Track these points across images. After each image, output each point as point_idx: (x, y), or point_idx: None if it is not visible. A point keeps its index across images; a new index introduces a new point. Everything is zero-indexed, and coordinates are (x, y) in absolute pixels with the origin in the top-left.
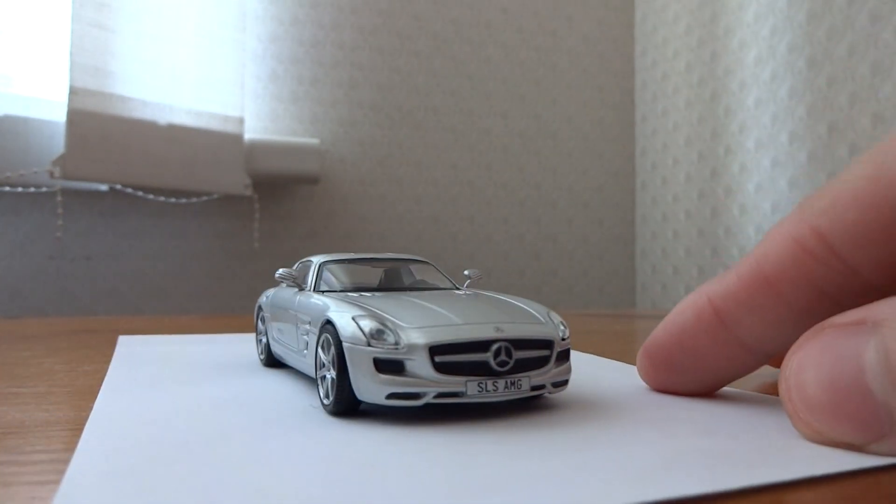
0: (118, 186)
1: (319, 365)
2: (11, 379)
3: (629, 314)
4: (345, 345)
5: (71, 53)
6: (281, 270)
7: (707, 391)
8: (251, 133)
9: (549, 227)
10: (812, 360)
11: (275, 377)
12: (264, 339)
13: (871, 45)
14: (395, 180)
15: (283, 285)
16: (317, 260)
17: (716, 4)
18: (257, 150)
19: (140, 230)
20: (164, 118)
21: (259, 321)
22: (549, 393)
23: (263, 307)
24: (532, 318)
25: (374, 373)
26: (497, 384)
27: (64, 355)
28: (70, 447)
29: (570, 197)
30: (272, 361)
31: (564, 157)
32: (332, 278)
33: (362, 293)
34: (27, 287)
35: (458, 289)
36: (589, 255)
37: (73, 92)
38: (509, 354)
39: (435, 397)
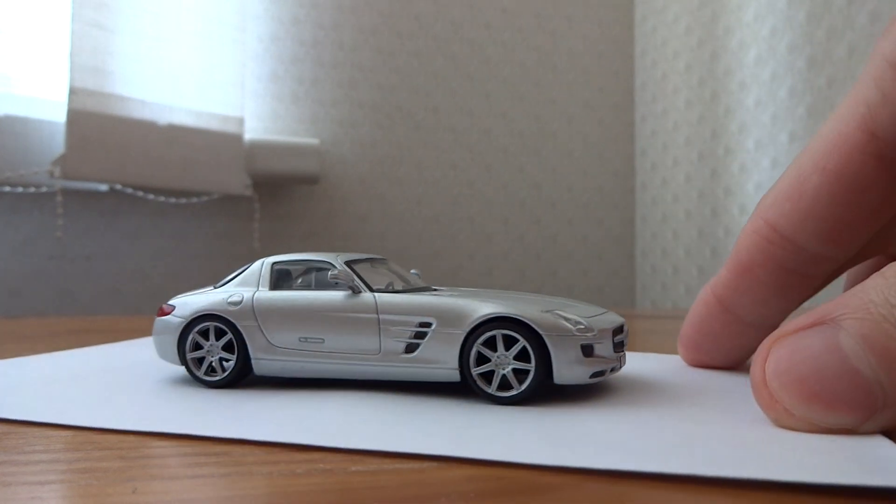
0: (118, 186)
1: (475, 362)
2: None
3: (629, 314)
4: (547, 336)
5: (71, 53)
6: (336, 271)
7: (731, 364)
8: (251, 133)
9: (549, 227)
10: (787, 363)
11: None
12: (214, 356)
13: (871, 45)
14: (395, 180)
15: (255, 289)
16: (340, 259)
17: (716, 4)
18: (257, 150)
19: (140, 230)
20: (163, 118)
21: (194, 336)
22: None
23: (232, 314)
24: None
25: (581, 358)
26: (622, 359)
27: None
28: (70, 447)
29: (570, 197)
30: (236, 379)
31: (564, 157)
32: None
33: (411, 291)
34: (27, 287)
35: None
36: (589, 255)
37: (73, 92)
38: (625, 335)
39: (609, 372)
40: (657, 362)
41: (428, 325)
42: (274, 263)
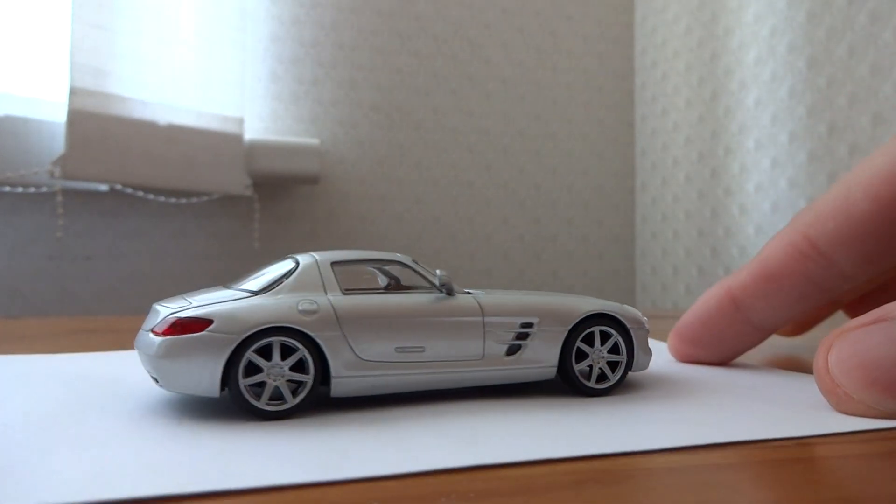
0: (118, 186)
1: (578, 359)
2: None
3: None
4: (633, 330)
5: (71, 53)
6: (443, 272)
7: (722, 362)
8: (251, 133)
9: (549, 227)
10: (850, 352)
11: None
12: (280, 379)
13: (871, 45)
14: (395, 180)
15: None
16: (406, 258)
17: (716, 4)
18: (257, 150)
19: (140, 230)
20: (164, 118)
21: (249, 356)
22: None
23: (308, 325)
24: None
25: (647, 349)
26: None
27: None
28: None
29: (570, 197)
30: (305, 405)
31: (564, 157)
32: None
33: (469, 291)
34: (27, 287)
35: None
36: (589, 255)
37: (73, 92)
38: None
39: None
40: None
41: (530, 325)
42: (333, 263)
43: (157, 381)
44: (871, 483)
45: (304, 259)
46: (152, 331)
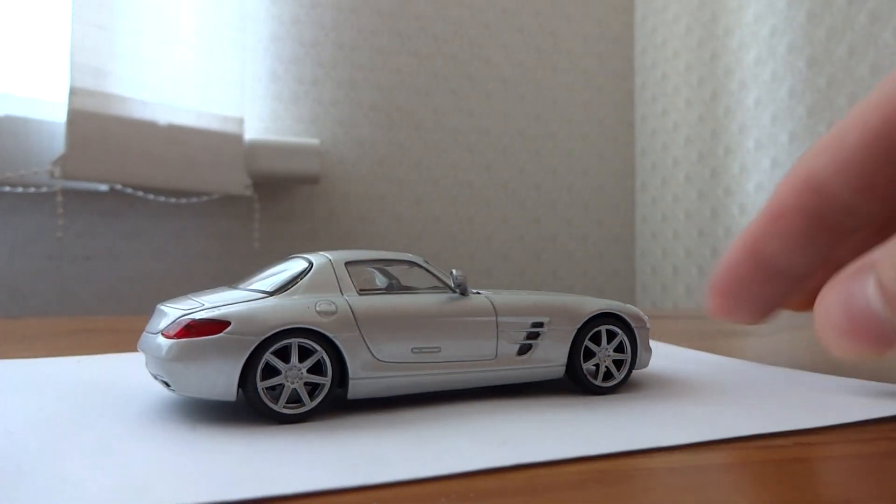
0: (118, 186)
1: (585, 357)
2: None
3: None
4: (637, 329)
5: (71, 53)
6: (459, 272)
7: (756, 318)
8: (251, 133)
9: (549, 227)
10: (832, 302)
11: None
12: (297, 381)
13: (871, 45)
14: (395, 180)
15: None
16: (418, 258)
17: (716, 4)
18: (257, 150)
19: (140, 230)
20: (164, 118)
21: (267, 358)
22: None
23: (327, 326)
24: None
25: (649, 346)
26: None
27: (64, 355)
28: None
29: (570, 197)
30: (323, 407)
31: (564, 157)
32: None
33: (478, 291)
34: (27, 287)
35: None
36: (589, 255)
37: (73, 92)
38: None
39: None
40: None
41: (541, 324)
42: (347, 263)
43: (167, 385)
44: (871, 483)
45: (318, 259)
46: (162, 333)
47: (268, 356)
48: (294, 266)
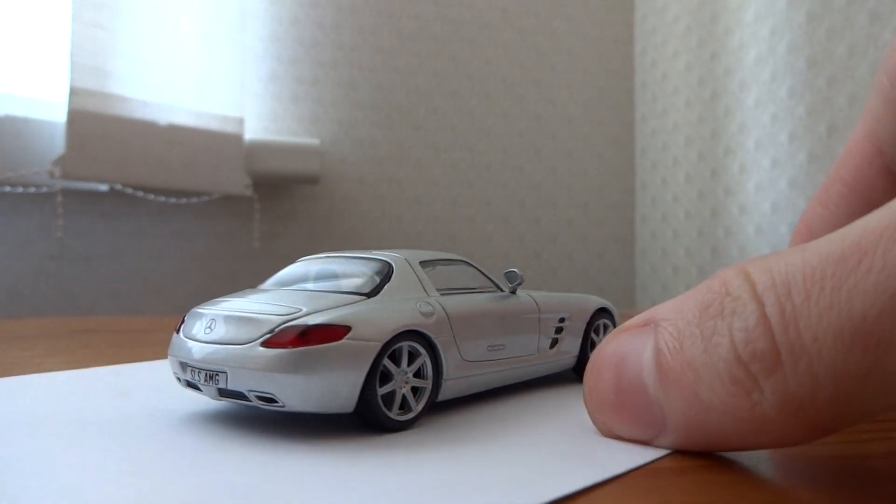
0: (118, 186)
1: (590, 347)
2: None
3: (629, 314)
4: (617, 318)
5: (71, 53)
6: (518, 273)
7: None
8: (251, 133)
9: (549, 227)
10: (605, 361)
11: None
12: (405, 386)
13: (871, 45)
14: (395, 180)
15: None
16: (410, 259)
17: (716, 4)
18: (257, 150)
19: (140, 230)
20: (164, 118)
21: (385, 363)
22: None
23: (430, 329)
24: None
25: None
26: None
27: (64, 355)
28: None
29: (570, 197)
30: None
31: (564, 157)
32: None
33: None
34: (27, 287)
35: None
36: (589, 255)
37: (73, 92)
38: None
39: None
40: None
41: (564, 319)
42: (421, 263)
43: (269, 401)
44: (871, 483)
45: (393, 259)
46: (268, 342)
47: (386, 361)
48: (367, 266)
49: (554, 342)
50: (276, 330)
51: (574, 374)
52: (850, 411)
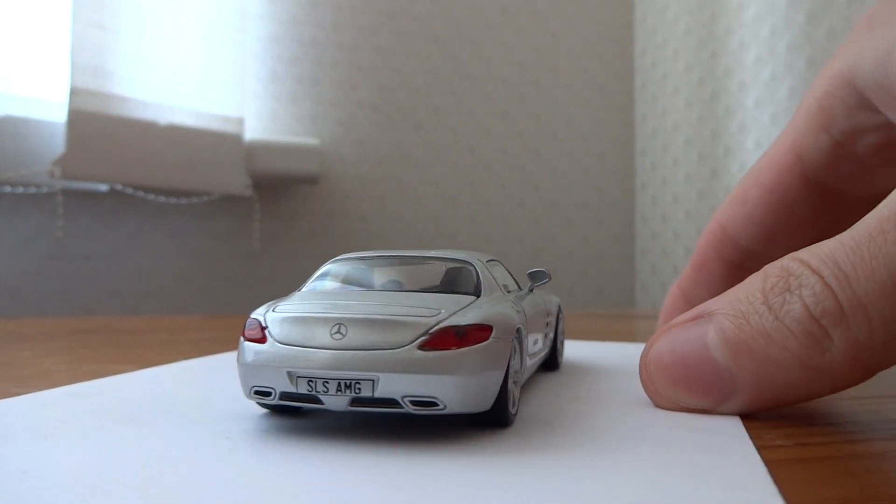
0: (118, 186)
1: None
2: (11, 379)
3: (629, 314)
4: (561, 315)
5: (71, 53)
6: (546, 272)
7: None
8: (251, 133)
9: (549, 227)
10: (666, 348)
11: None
12: (514, 381)
13: None
14: (395, 180)
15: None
16: (480, 259)
17: (716, 5)
18: (257, 150)
19: (140, 230)
20: (164, 118)
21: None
22: None
23: (524, 325)
24: None
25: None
26: None
27: (64, 355)
28: None
29: (570, 197)
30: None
31: (564, 157)
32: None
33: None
34: (27, 287)
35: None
36: (589, 255)
37: (74, 92)
38: None
39: None
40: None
41: (549, 315)
42: (488, 261)
43: (428, 405)
44: (871, 483)
45: (469, 258)
46: (426, 345)
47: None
48: (453, 266)
49: (545, 336)
50: (433, 331)
51: (543, 366)
52: None
